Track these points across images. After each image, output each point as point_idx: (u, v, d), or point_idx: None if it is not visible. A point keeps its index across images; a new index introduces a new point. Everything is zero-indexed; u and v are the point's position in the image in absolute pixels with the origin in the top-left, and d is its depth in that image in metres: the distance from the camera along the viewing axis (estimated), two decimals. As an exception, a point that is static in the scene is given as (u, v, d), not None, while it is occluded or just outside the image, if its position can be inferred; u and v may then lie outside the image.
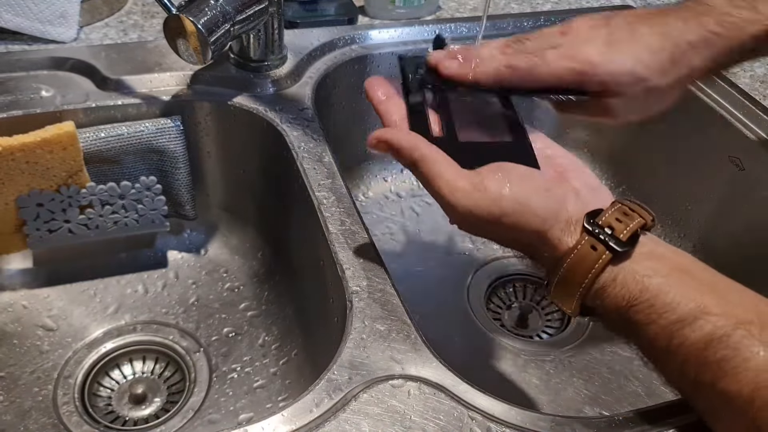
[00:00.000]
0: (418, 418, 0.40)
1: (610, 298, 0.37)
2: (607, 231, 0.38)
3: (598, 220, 0.38)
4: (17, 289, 0.66)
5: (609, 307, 0.38)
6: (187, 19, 0.55)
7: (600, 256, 0.37)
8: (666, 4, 0.48)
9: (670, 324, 0.35)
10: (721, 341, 0.34)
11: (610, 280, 0.37)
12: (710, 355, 0.34)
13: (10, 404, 0.59)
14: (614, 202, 0.40)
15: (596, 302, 0.38)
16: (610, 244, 0.37)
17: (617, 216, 0.38)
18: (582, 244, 0.38)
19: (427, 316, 0.67)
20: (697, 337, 0.35)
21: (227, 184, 0.70)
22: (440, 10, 0.80)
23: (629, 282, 0.37)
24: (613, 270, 0.37)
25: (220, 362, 0.64)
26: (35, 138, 0.56)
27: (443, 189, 0.40)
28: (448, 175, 0.40)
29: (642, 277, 0.37)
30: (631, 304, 0.37)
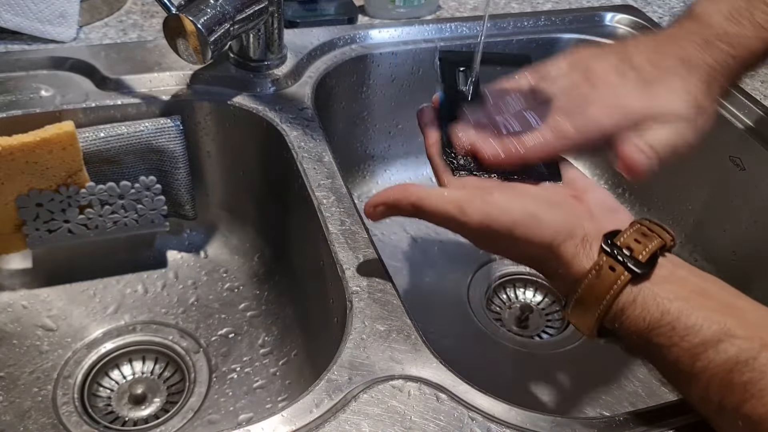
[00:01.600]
0: (419, 418, 0.40)
1: (629, 320, 0.37)
2: (625, 252, 0.37)
3: (616, 240, 0.38)
4: (17, 289, 0.66)
5: (629, 329, 0.37)
6: (187, 18, 0.55)
7: (618, 277, 0.37)
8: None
9: (693, 347, 0.35)
10: (747, 364, 0.33)
11: (630, 301, 0.37)
12: (735, 378, 0.34)
13: (10, 404, 0.59)
14: (633, 223, 0.39)
15: (615, 324, 0.38)
16: (629, 266, 0.37)
17: (636, 237, 0.38)
18: (600, 264, 0.37)
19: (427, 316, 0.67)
20: (721, 360, 0.34)
21: (227, 184, 0.70)
22: (440, 9, 0.80)
23: (650, 304, 0.36)
24: (632, 291, 0.37)
25: (219, 362, 0.64)
26: (35, 138, 0.56)
27: (451, 211, 0.40)
28: (451, 198, 0.40)
29: (663, 299, 0.36)
30: (652, 327, 0.36)
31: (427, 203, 0.41)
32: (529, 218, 0.39)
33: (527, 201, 0.40)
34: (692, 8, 0.47)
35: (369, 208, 0.43)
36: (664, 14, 0.85)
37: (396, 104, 0.76)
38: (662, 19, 0.83)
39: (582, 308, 0.39)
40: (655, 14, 0.84)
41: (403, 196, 0.42)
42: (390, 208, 0.43)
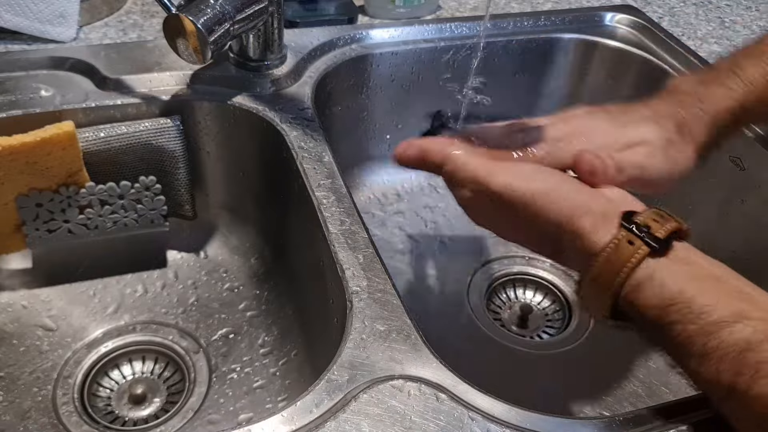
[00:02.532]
0: (418, 418, 0.40)
1: (646, 297, 0.37)
2: (644, 228, 0.38)
3: (634, 218, 0.39)
4: (17, 289, 0.66)
5: (644, 305, 0.37)
6: (187, 18, 0.55)
7: (637, 250, 0.37)
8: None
9: (707, 325, 0.35)
10: (761, 345, 0.33)
11: (647, 277, 0.37)
12: (749, 358, 0.34)
13: (10, 404, 0.59)
14: (650, 207, 0.40)
15: (630, 302, 0.38)
16: (647, 240, 0.37)
17: (654, 217, 0.39)
18: (619, 238, 0.38)
19: (427, 316, 0.67)
20: (735, 340, 0.34)
21: (227, 184, 0.70)
22: (440, 9, 0.80)
23: (667, 281, 0.37)
24: (650, 267, 0.37)
25: (219, 362, 0.64)
26: (35, 138, 0.56)
27: (479, 169, 0.41)
28: (483, 159, 0.42)
29: (680, 278, 0.37)
30: (668, 303, 0.36)
31: (456, 158, 0.42)
32: (550, 190, 0.40)
33: (550, 174, 0.41)
34: (667, 83, 0.51)
35: (401, 149, 0.45)
36: (664, 14, 0.85)
37: (396, 104, 0.76)
38: (662, 19, 0.83)
39: (597, 284, 0.39)
40: (655, 14, 0.84)
41: (437, 147, 0.43)
42: (421, 155, 0.44)
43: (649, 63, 0.75)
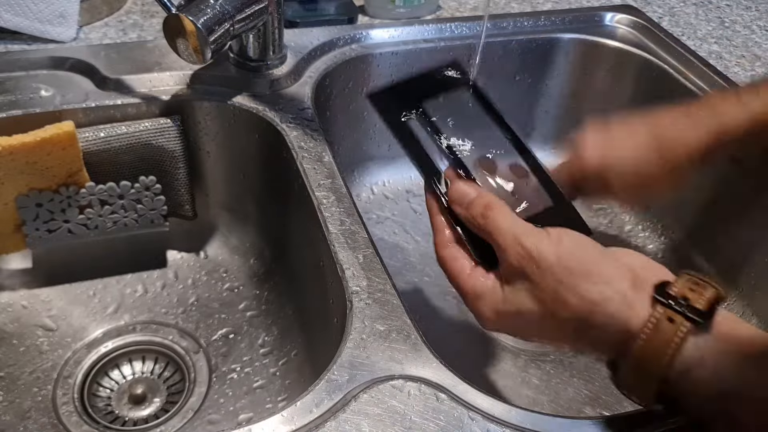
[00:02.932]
0: (418, 418, 0.40)
1: (699, 384, 0.34)
2: (681, 301, 0.34)
3: (669, 290, 0.35)
4: (17, 289, 0.66)
5: (699, 394, 0.34)
6: (187, 18, 0.55)
7: (679, 327, 0.34)
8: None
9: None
10: None
11: (696, 360, 0.34)
12: None
13: (10, 404, 0.59)
14: (682, 274, 0.37)
15: (680, 389, 0.35)
16: (689, 314, 0.34)
17: (690, 286, 0.35)
18: (657, 317, 0.34)
19: (427, 316, 0.67)
20: None
21: (227, 184, 0.70)
22: (440, 9, 0.80)
23: (720, 366, 0.33)
24: (698, 346, 0.34)
25: (219, 362, 0.64)
26: (35, 138, 0.56)
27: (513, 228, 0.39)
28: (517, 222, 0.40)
29: (736, 360, 0.33)
30: (729, 397, 0.33)
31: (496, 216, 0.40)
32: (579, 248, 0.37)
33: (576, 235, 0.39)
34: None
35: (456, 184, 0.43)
36: (664, 14, 0.85)
37: (396, 104, 0.76)
38: (662, 19, 0.83)
39: (640, 369, 0.35)
40: (654, 14, 0.84)
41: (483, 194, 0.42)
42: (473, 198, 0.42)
43: (649, 63, 0.75)
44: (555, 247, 0.37)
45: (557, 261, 0.37)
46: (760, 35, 0.82)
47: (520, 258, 0.38)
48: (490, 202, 0.41)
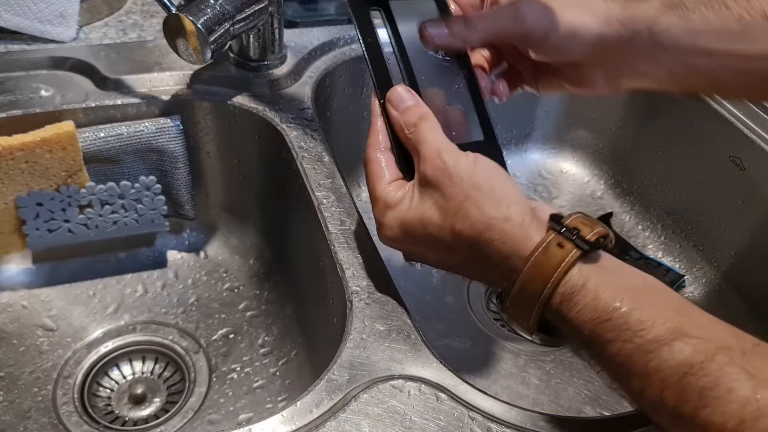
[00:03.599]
0: (419, 418, 0.40)
1: (579, 308, 0.35)
2: (574, 230, 0.36)
3: (563, 221, 0.37)
4: (17, 289, 0.66)
5: (577, 319, 0.35)
6: (187, 18, 0.55)
7: (568, 253, 0.35)
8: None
9: (646, 343, 0.33)
10: (703, 367, 0.32)
11: (579, 286, 0.35)
12: (692, 383, 0.32)
13: (10, 404, 0.59)
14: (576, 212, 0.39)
15: (560, 312, 0.36)
16: (578, 243, 0.35)
17: (581, 220, 0.37)
18: (548, 241, 0.36)
19: (427, 316, 0.67)
20: (676, 362, 0.32)
21: (227, 184, 0.70)
22: (440, 9, 0.80)
23: (601, 292, 0.35)
24: (582, 273, 0.35)
25: (219, 362, 0.64)
26: (35, 138, 0.56)
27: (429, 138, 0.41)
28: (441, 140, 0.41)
29: (615, 288, 0.35)
30: (602, 319, 0.34)
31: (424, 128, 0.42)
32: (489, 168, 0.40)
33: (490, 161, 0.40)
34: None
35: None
36: (664, 14, 0.85)
37: (396, 104, 0.76)
38: (662, 19, 0.83)
39: (525, 292, 0.36)
40: (655, 14, 0.84)
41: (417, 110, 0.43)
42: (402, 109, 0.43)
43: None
44: (471, 167, 0.39)
45: (469, 178, 0.39)
46: None
47: (436, 170, 0.40)
48: (424, 114, 0.42)
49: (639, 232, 0.78)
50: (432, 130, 0.42)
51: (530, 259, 0.36)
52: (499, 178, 0.40)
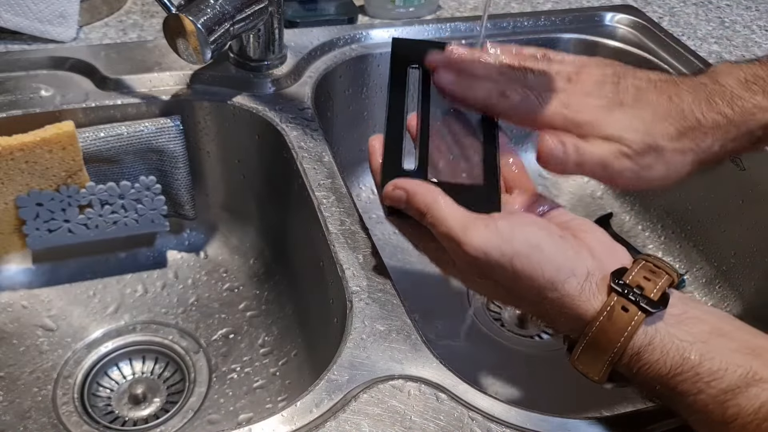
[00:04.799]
0: (419, 418, 0.40)
1: (648, 365, 0.35)
2: (636, 291, 0.36)
3: (625, 279, 0.36)
4: (17, 289, 0.66)
5: (647, 375, 0.35)
6: (187, 18, 0.55)
7: (632, 317, 0.35)
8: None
9: (720, 393, 0.33)
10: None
11: (646, 344, 0.35)
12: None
13: (10, 404, 0.59)
14: (637, 260, 0.38)
15: (630, 369, 0.36)
16: (642, 305, 0.35)
17: (644, 274, 0.37)
18: (612, 305, 0.36)
19: (427, 316, 0.67)
20: (754, 407, 0.33)
21: (227, 184, 0.70)
22: (440, 9, 0.80)
23: (668, 347, 0.35)
24: (647, 333, 0.35)
25: (219, 362, 0.64)
26: (34, 138, 0.56)
27: (454, 227, 0.38)
28: (458, 214, 0.39)
29: (681, 342, 0.35)
30: (674, 373, 0.34)
31: (435, 212, 0.39)
32: (531, 249, 0.37)
33: (531, 230, 0.38)
34: (713, 66, 0.46)
35: (390, 186, 0.42)
36: (664, 14, 0.85)
37: (396, 104, 0.76)
38: (662, 19, 0.83)
39: (592, 353, 0.37)
40: (655, 14, 0.84)
41: (421, 191, 0.40)
42: (407, 198, 0.41)
43: (649, 63, 0.75)
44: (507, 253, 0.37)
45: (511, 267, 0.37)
46: (760, 35, 0.82)
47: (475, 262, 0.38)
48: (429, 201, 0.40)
49: (639, 232, 0.78)
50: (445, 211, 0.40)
51: (595, 325, 0.36)
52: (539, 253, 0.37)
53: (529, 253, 0.37)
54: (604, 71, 0.45)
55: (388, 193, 0.42)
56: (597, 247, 0.39)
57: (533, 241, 0.37)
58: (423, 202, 0.40)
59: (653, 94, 0.43)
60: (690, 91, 0.43)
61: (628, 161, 0.41)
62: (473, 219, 0.39)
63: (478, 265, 0.38)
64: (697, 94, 0.43)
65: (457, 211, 0.39)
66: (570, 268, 0.37)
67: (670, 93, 0.43)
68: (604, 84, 0.44)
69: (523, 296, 0.38)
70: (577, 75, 0.45)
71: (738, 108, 0.42)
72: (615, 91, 0.43)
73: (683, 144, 0.42)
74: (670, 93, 0.43)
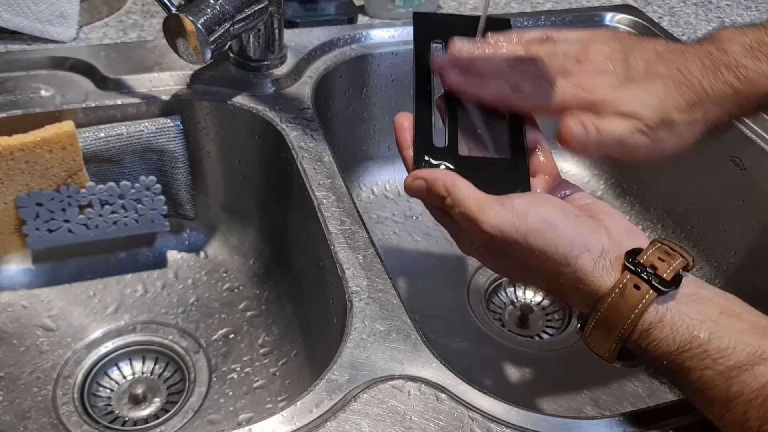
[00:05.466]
0: (419, 418, 0.40)
1: (657, 341, 0.36)
2: (649, 270, 0.36)
3: (639, 258, 0.37)
4: (17, 289, 0.66)
5: (655, 351, 0.36)
6: (187, 18, 0.55)
7: (644, 295, 0.36)
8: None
9: (727, 370, 0.34)
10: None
11: (656, 321, 0.36)
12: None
13: (10, 404, 0.59)
14: (654, 242, 0.39)
15: (639, 345, 0.37)
16: (654, 284, 0.36)
17: (659, 255, 0.37)
18: (624, 282, 0.36)
19: (427, 316, 0.67)
20: (759, 384, 0.33)
21: (227, 184, 0.70)
22: (440, 9, 0.80)
23: (678, 325, 0.35)
24: (658, 311, 0.36)
25: (219, 362, 0.64)
26: (34, 138, 0.56)
27: (472, 207, 0.39)
28: (476, 195, 0.40)
29: (692, 320, 0.35)
30: (682, 349, 0.35)
31: (454, 194, 0.40)
32: (545, 225, 0.38)
33: (545, 209, 0.39)
34: (717, 32, 0.46)
35: (410, 178, 0.42)
36: (664, 14, 0.85)
37: (396, 104, 0.76)
38: (662, 19, 0.83)
39: (603, 329, 0.37)
40: (655, 14, 0.84)
41: (440, 177, 0.41)
42: (427, 186, 0.42)
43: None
44: (521, 227, 0.38)
45: (525, 241, 0.38)
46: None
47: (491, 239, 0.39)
48: (449, 184, 0.41)
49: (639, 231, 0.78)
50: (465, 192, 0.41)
51: (606, 299, 0.37)
52: (552, 230, 0.38)
53: (543, 230, 0.38)
54: (611, 46, 0.45)
55: (408, 184, 0.43)
56: (614, 229, 0.39)
57: (547, 218, 0.38)
58: (443, 186, 0.41)
59: (662, 67, 0.44)
60: (696, 62, 0.43)
61: (644, 137, 0.42)
62: (490, 199, 0.40)
63: (494, 242, 0.39)
64: (704, 64, 0.43)
65: (475, 193, 0.40)
66: (583, 244, 0.38)
67: (678, 65, 0.43)
68: (614, 61, 0.45)
69: (538, 272, 0.39)
70: (584, 54, 0.45)
71: (743, 77, 0.43)
72: (625, 67, 0.44)
73: (693, 116, 0.43)
74: (678, 65, 0.43)
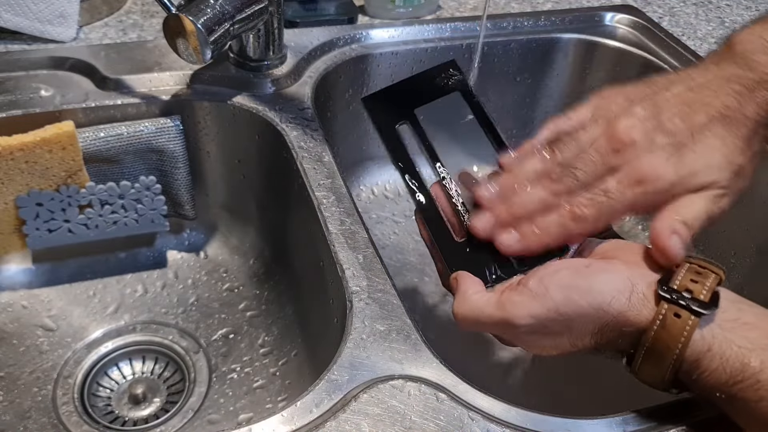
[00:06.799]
0: (418, 418, 0.40)
1: (707, 372, 0.35)
2: (685, 295, 0.35)
3: (672, 284, 0.36)
4: (17, 289, 0.66)
5: (708, 382, 0.35)
6: (187, 18, 0.55)
7: (686, 322, 0.34)
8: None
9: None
10: None
11: (704, 350, 0.35)
12: None
13: (10, 404, 0.59)
14: (683, 262, 0.37)
15: (692, 377, 0.36)
16: (694, 308, 0.34)
17: (691, 277, 0.36)
18: (663, 313, 0.35)
19: (427, 316, 0.67)
20: None
21: (227, 184, 0.70)
22: (440, 9, 0.80)
23: (727, 354, 0.34)
24: (705, 339, 0.35)
25: (219, 362, 0.64)
26: (34, 138, 0.56)
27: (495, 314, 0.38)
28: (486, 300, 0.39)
29: (740, 348, 0.34)
30: (734, 381, 0.34)
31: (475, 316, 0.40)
32: (567, 291, 0.37)
33: (558, 276, 0.38)
34: (732, 41, 0.42)
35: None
36: (664, 14, 0.85)
37: (396, 104, 0.76)
38: (662, 19, 0.83)
39: (652, 362, 0.36)
40: (655, 14, 0.84)
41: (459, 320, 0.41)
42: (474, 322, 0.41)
43: (650, 63, 0.75)
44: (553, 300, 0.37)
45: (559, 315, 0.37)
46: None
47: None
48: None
49: (639, 232, 0.78)
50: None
51: (651, 335, 0.35)
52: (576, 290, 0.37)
53: (568, 295, 0.37)
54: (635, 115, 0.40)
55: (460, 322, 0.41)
56: (628, 257, 0.38)
57: (564, 283, 0.37)
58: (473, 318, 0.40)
59: (701, 116, 0.39)
60: (729, 93, 0.40)
61: (726, 198, 0.40)
62: (504, 295, 0.39)
63: (533, 330, 0.38)
64: (736, 90, 0.40)
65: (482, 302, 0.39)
66: (609, 289, 0.36)
67: (715, 106, 0.39)
68: (649, 133, 0.39)
69: (584, 334, 0.38)
70: (614, 137, 0.40)
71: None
72: (665, 133, 0.39)
73: (753, 148, 0.40)
74: (715, 106, 0.39)
